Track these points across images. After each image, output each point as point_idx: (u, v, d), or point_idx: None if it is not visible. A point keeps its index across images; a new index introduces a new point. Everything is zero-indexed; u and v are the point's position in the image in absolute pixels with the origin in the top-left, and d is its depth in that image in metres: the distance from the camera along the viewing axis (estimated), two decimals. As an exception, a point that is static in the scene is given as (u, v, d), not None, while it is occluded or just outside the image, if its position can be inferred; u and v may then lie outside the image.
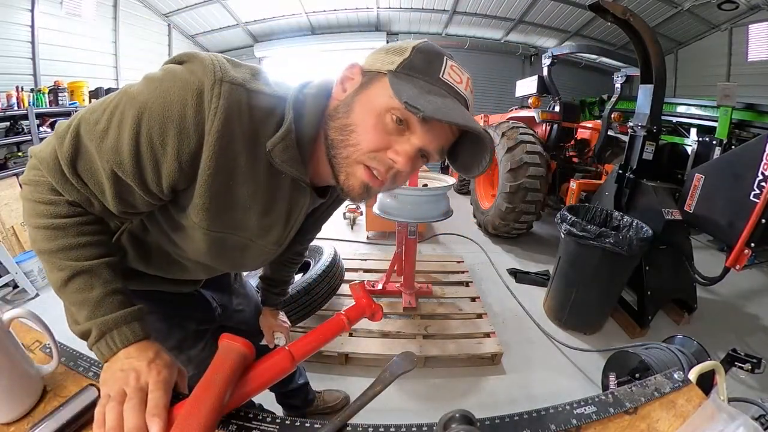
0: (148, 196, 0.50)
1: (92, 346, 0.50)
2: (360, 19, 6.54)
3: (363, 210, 3.76)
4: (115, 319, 0.50)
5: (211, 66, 0.45)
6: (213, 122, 0.45)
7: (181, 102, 0.44)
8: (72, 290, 0.50)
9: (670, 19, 5.67)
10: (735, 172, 1.87)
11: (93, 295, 0.50)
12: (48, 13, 3.94)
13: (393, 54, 0.52)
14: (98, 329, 0.50)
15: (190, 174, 0.48)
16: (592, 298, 2.11)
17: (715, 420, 0.49)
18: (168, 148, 0.45)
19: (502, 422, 0.53)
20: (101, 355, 0.50)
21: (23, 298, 2.37)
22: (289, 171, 0.53)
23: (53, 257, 0.50)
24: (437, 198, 1.88)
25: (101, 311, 0.50)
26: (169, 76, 0.46)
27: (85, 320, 0.50)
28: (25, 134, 3.35)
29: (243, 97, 0.47)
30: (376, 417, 0.55)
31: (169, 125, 0.44)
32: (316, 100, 0.54)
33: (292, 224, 0.63)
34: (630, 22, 2.05)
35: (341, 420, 0.51)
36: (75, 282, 0.50)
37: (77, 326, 0.51)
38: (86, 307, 0.50)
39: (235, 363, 0.52)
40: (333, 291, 1.93)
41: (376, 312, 0.81)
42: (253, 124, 0.49)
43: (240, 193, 0.53)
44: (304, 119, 0.53)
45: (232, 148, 0.48)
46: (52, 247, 0.50)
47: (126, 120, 0.45)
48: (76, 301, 0.50)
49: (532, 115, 3.81)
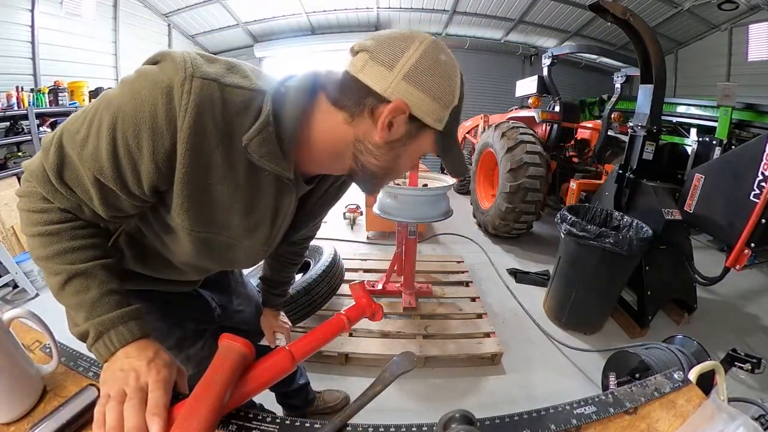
0: (132, 199, 0.50)
1: (91, 347, 0.50)
2: (360, 19, 6.54)
3: (363, 210, 3.76)
4: (111, 319, 0.50)
5: (182, 63, 0.45)
6: (184, 119, 0.44)
7: (152, 101, 0.44)
8: (69, 293, 0.50)
9: (670, 19, 5.67)
10: (735, 172, 1.87)
11: (89, 297, 0.50)
12: (48, 13, 3.94)
13: (442, 106, 0.51)
14: (95, 329, 0.49)
15: (168, 174, 0.48)
16: (592, 298, 2.11)
17: (715, 420, 0.49)
18: (143, 150, 0.45)
19: (502, 422, 0.53)
20: (100, 356, 0.50)
21: (23, 298, 2.37)
22: (269, 167, 0.51)
23: (49, 263, 0.50)
24: (437, 198, 1.88)
25: (98, 311, 0.50)
26: (140, 77, 0.46)
27: (83, 321, 0.50)
28: (25, 134, 3.35)
29: (215, 92, 0.46)
30: (376, 417, 0.56)
31: (142, 126, 0.44)
32: (301, 91, 0.52)
33: (280, 223, 0.62)
34: (630, 22, 2.05)
35: (341, 420, 0.51)
36: (71, 285, 0.50)
37: (76, 328, 0.51)
38: (83, 309, 0.50)
39: (235, 363, 0.52)
40: (333, 291, 1.93)
41: (376, 312, 0.81)
42: (227, 119, 0.47)
43: (218, 192, 0.52)
44: (286, 112, 0.51)
45: (206, 145, 0.47)
46: (48, 252, 0.50)
47: (102, 126, 0.45)
48: (73, 303, 0.50)
49: (532, 115, 3.80)
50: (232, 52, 6.99)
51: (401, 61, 0.48)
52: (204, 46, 6.81)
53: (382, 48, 0.49)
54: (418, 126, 0.51)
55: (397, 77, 0.48)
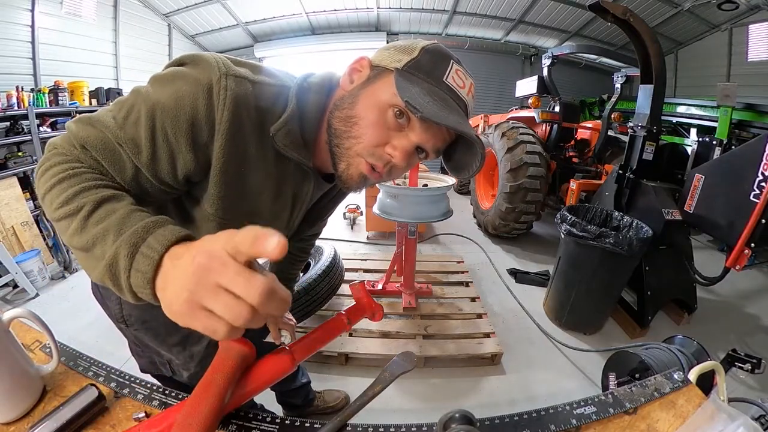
0: (162, 185, 0.51)
1: (126, 272, 0.36)
2: (360, 19, 6.53)
3: (363, 210, 3.76)
4: (145, 226, 0.38)
5: (215, 63, 0.49)
6: (223, 113, 0.48)
7: (193, 97, 0.47)
8: (94, 222, 0.39)
9: (670, 19, 5.67)
10: (735, 172, 1.86)
11: (117, 216, 0.40)
12: (48, 13, 3.94)
13: (401, 52, 0.55)
14: (129, 242, 0.37)
15: (205, 165, 0.51)
16: (592, 298, 2.10)
17: (715, 420, 0.49)
18: (181, 141, 0.48)
19: (502, 422, 0.53)
20: (142, 276, 0.35)
21: (23, 298, 2.37)
22: (292, 155, 0.56)
23: (72, 202, 0.41)
24: (437, 198, 1.88)
25: (129, 224, 0.39)
26: (178, 75, 0.49)
27: (111, 243, 0.38)
28: (25, 134, 3.34)
29: (248, 88, 0.50)
30: (376, 417, 0.56)
31: (182, 119, 0.47)
32: (321, 87, 0.57)
33: (298, 210, 0.66)
34: (630, 22, 2.05)
35: (341, 420, 0.51)
36: (97, 213, 0.40)
37: (101, 262, 0.38)
38: (112, 230, 0.38)
39: (235, 363, 0.52)
40: (333, 291, 1.93)
41: (376, 312, 0.81)
42: (259, 113, 0.51)
43: (252, 180, 0.55)
44: (308, 106, 0.56)
45: (242, 137, 0.51)
46: (70, 193, 0.41)
47: (141, 117, 0.46)
48: (99, 231, 0.39)
49: (532, 115, 3.80)
50: (232, 52, 6.99)
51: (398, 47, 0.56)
52: (204, 46, 6.81)
53: (387, 50, 0.57)
54: (378, 71, 0.55)
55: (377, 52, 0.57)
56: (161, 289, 0.35)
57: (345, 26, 6.73)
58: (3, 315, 0.50)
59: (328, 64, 6.86)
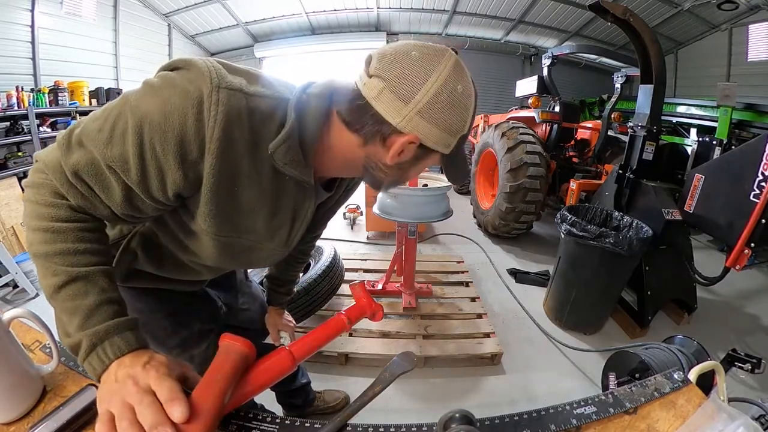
0: (154, 203, 0.50)
1: (83, 360, 0.46)
2: (360, 19, 6.54)
3: (363, 210, 3.76)
4: (107, 329, 0.46)
5: (208, 73, 0.45)
6: (213, 129, 0.45)
7: (182, 112, 0.44)
8: (65, 297, 0.47)
9: (670, 19, 5.68)
10: (735, 172, 1.86)
11: (86, 303, 0.47)
12: (48, 13, 3.95)
13: (452, 135, 0.53)
14: (89, 340, 0.45)
15: (195, 182, 0.49)
16: (592, 298, 2.10)
17: (715, 420, 0.49)
18: (170, 158, 0.46)
19: (502, 422, 0.53)
20: (93, 370, 0.45)
21: (23, 298, 2.37)
22: (292, 173, 0.54)
23: (49, 261, 0.47)
24: (437, 198, 1.88)
25: (93, 321, 0.46)
26: (167, 84, 0.46)
27: (76, 330, 0.46)
28: (25, 134, 3.35)
29: (242, 102, 0.47)
30: (376, 417, 0.56)
31: (170, 134, 0.45)
32: (321, 98, 0.54)
33: (299, 225, 0.64)
34: (630, 22, 2.05)
35: (341, 420, 0.51)
36: (69, 288, 0.47)
37: (68, 339, 0.46)
38: (78, 315, 0.46)
39: (235, 363, 0.52)
40: (333, 291, 1.93)
41: (376, 312, 0.81)
42: (253, 128, 0.49)
43: (245, 198, 0.53)
44: (308, 120, 0.53)
45: (234, 154, 0.48)
46: (49, 250, 0.47)
47: (128, 131, 0.45)
48: (68, 308, 0.47)
49: (532, 115, 3.80)
50: (232, 52, 7.00)
51: (417, 96, 0.48)
52: (204, 46, 6.81)
53: (399, 79, 0.48)
54: (426, 150, 0.54)
55: (411, 112, 0.48)
56: (103, 381, 0.44)
57: (345, 26, 6.73)
58: (3, 315, 0.50)
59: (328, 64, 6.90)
